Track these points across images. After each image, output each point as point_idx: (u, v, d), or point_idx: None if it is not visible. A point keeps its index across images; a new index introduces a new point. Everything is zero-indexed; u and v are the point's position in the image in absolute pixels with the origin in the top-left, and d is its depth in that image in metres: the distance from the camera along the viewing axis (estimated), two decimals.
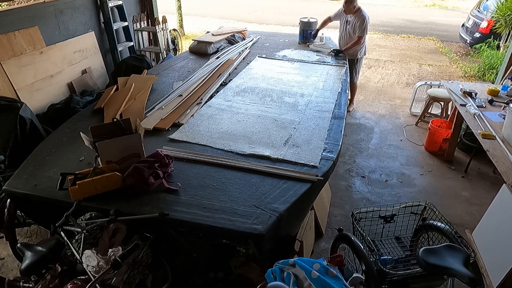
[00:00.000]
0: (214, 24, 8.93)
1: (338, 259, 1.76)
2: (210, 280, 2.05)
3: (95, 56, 4.84)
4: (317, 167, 2.29)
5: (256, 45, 4.97)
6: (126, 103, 3.08)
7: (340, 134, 2.71)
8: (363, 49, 4.81)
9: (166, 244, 1.93)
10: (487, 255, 2.61)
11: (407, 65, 7.24)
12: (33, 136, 3.08)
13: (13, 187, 2.12)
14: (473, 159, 3.88)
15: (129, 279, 1.67)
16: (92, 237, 1.78)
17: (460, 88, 3.80)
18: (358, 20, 4.48)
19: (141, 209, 1.92)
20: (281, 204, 1.97)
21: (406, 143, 4.47)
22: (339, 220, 3.17)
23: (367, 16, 4.49)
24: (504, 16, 6.41)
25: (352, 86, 4.99)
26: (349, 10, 4.52)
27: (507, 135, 2.91)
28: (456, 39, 8.83)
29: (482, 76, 6.48)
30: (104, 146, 2.08)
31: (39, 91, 3.93)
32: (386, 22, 10.63)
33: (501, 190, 2.62)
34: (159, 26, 5.78)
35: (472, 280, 1.61)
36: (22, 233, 2.89)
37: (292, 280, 1.54)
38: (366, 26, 4.53)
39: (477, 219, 2.98)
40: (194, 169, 2.27)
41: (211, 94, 3.36)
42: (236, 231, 1.82)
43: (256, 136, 2.66)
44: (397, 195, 3.53)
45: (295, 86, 3.60)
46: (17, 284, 1.85)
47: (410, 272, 1.93)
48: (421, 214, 2.25)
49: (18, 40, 3.73)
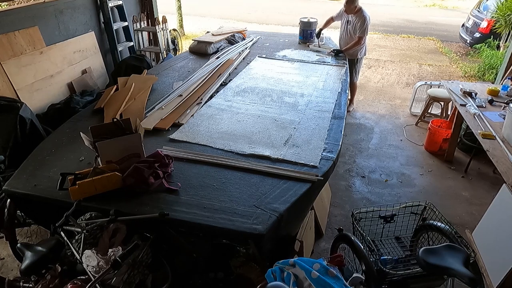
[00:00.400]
0: (214, 24, 8.93)
1: (338, 259, 1.76)
2: (210, 280, 2.05)
3: (95, 56, 4.84)
4: (317, 167, 2.29)
5: (256, 45, 4.97)
6: (126, 103, 3.08)
7: (340, 134, 2.71)
8: (363, 49, 4.80)
9: (166, 244, 1.93)
10: (487, 255, 2.61)
11: (407, 65, 7.24)
12: (33, 136, 3.08)
13: (13, 187, 2.12)
14: (473, 159, 3.88)
15: (129, 279, 1.67)
16: (92, 237, 1.78)
17: (460, 88, 3.80)
18: (359, 20, 4.47)
19: (141, 209, 1.92)
20: (281, 204, 1.97)
21: (406, 143, 4.47)
22: (339, 220, 3.17)
23: (367, 17, 4.47)
24: (504, 16, 6.40)
25: (352, 86, 4.98)
26: (350, 10, 4.50)
27: (507, 135, 2.91)
28: (456, 39, 8.83)
29: (482, 76, 6.48)
30: (104, 146, 2.08)
31: (39, 91, 3.93)
32: (386, 22, 10.63)
33: (501, 190, 2.62)
34: (159, 26, 5.78)
35: (472, 280, 1.61)
36: (22, 233, 2.89)
37: (292, 280, 1.54)
38: (367, 26, 4.51)
39: (477, 219, 2.98)
40: (194, 169, 2.27)
41: (211, 94, 3.36)
42: (236, 231, 1.82)
43: (256, 136, 2.66)
44: (397, 195, 3.53)
45: (295, 86, 3.60)
46: (17, 284, 1.85)
47: (410, 272, 1.93)
48: (421, 214, 2.25)
49: (18, 40, 3.73)
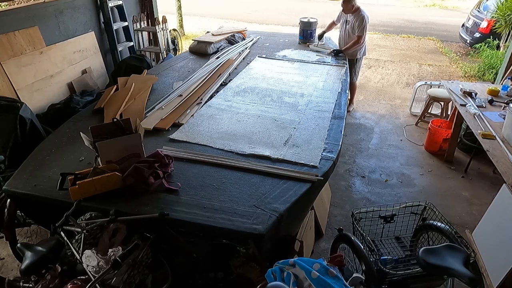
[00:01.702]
0: (214, 24, 8.94)
1: (338, 259, 1.76)
2: (210, 280, 2.05)
3: (95, 56, 4.84)
4: (317, 167, 2.29)
5: (256, 45, 4.97)
6: (126, 103, 3.08)
7: (340, 134, 2.71)
8: (363, 49, 4.79)
9: (166, 244, 1.93)
10: (487, 255, 2.61)
11: (407, 65, 7.24)
12: (33, 136, 3.08)
13: (13, 187, 2.12)
14: (473, 159, 3.88)
15: (129, 279, 1.67)
16: (92, 237, 1.78)
17: (460, 88, 3.80)
18: (357, 19, 4.46)
19: (141, 209, 1.92)
20: (281, 204, 1.97)
21: (406, 143, 4.47)
22: (339, 220, 3.17)
23: (366, 16, 4.47)
24: (504, 16, 6.40)
25: (352, 86, 4.95)
26: (348, 9, 4.50)
27: (507, 135, 2.91)
28: (456, 39, 8.83)
29: (482, 76, 6.48)
30: (104, 146, 2.08)
31: (39, 91, 3.93)
32: (386, 22, 10.63)
33: (501, 190, 2.62)
34: (159, 26, 5.78)
35: (472, 280, 1.61)
36: (22, 233, 2.89)
37: (292, 280, 1.54)
38: (365, 25, 4.50)
39: (477, 219, 2.98)
40: (194, 169, 2.27)
41: (211, 94, 3.36)
42: (236, 231, 1.82)
43: (256, 136, 2.66)
44: (397, 195, 3.53)
45: (295, 86, 3.60)
46: (17, 284, 1.85)
47: (410, 272, 1.93)
48: (421, 214, 2.25)
49: (18, 40, 3.73)
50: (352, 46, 4.56)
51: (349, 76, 4.19)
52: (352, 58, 4.74)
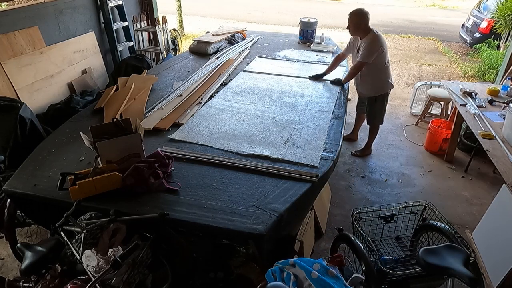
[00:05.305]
0: (214, 24, 8.93)
1: (338, 259, 1.76)
2: (210, 280, 2.05)
3: (95, 56, 4.84)
4: (317, 167, 2.29)
5: (256, 45, 4.97)
6: (126, 103, 3.08)
7: (340, 134, 2.72)
8: (382, 84, 3.69)
9: (166, 244, 1.93)
10: (487, 255, 2.61)
11: (407, 65, 7.23)
12: (33, 136, 3.07)
13: (13, 187, 2.12)
14: (473, 159, 3.88)
15: (129, 279, 1.67)
16: (92, 237, 1.78)
17: (460, 88, 3.80)
18: (364, 42, 3.45)
19: (141, 209, 1.92)
20: (281, 204, 1.97)
21: (406, 143, 4.47)
22: (339, 220, 3.17)
23: (377, 39, 3.40)
24: (504, 16, 6.41)
25: (372, 129, 3.99)
26: (353, 32, 3.52)
27: (507, 135, 2.91)
28: (456, 39, 8.83)
29: (482, 76, 6.48)
30: (104, 146, 2.08)
31: (39, 91, 3.93)
32: (386, 22, 10.63)
33: (501, 190, 2.62)
34: (159, 26, 5.78)
35: (472, 280, 1.61)
36: (22, 233, 2.89)
37: (292, 280, 1.54)
38: (373, 50, 3.37)
39: (477, 219, 2.98)
40: (194, 169, 2.27)
41: (211, 94, 3.37)
42: (236, 231, 1.82)
43: (256, 136, 2.66)
44: (397, 195, 3.53)
45: (295, 86, 3.60)
46: (17, 284, 1.85)
47: (410, 272, 1.93)
48: (421, 214, 2.25)
49: (18, 40, 3.73)
50: (351, 73, 3.62)
51: (368, 119, 3.90)
52: (371, 96, 3.73)
